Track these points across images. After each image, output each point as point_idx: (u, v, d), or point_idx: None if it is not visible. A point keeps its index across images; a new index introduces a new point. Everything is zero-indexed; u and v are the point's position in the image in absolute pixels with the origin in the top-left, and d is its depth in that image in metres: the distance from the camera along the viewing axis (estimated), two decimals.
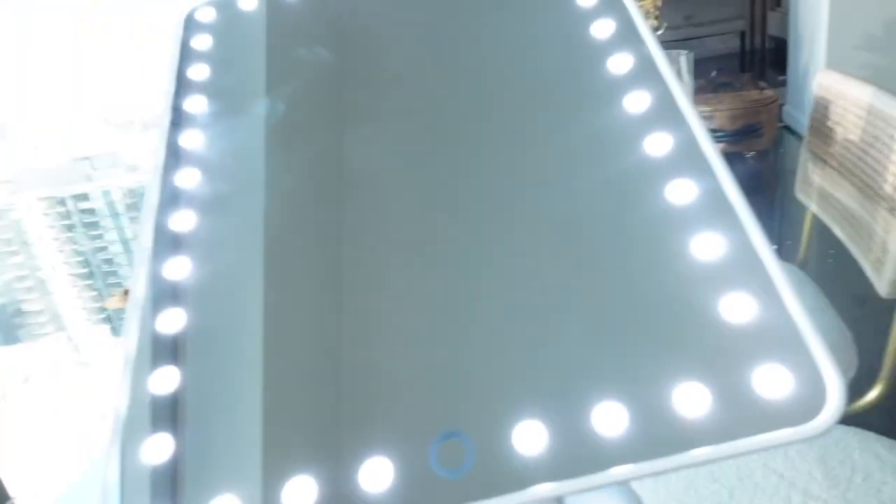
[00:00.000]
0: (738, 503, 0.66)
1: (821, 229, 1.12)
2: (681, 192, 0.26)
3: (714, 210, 0.25)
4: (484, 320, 0.26)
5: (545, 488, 0.22)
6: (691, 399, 0.22)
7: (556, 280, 0.26)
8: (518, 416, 0.24)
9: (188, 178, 0.33)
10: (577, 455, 0.22)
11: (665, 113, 0.29)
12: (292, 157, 0.33)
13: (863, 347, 0.92)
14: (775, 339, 0.22)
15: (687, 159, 0.27)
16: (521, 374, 0.23)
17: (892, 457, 0.69)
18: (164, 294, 0.29)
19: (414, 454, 0.23)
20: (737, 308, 0.23)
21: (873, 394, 0.88)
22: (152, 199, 0.32)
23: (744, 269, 0.24)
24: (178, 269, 0.30)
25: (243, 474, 0.24)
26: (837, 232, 1.03)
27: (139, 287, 0.30)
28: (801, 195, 1.17)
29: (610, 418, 0.22)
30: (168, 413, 0.26)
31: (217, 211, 0.31)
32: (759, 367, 0.22)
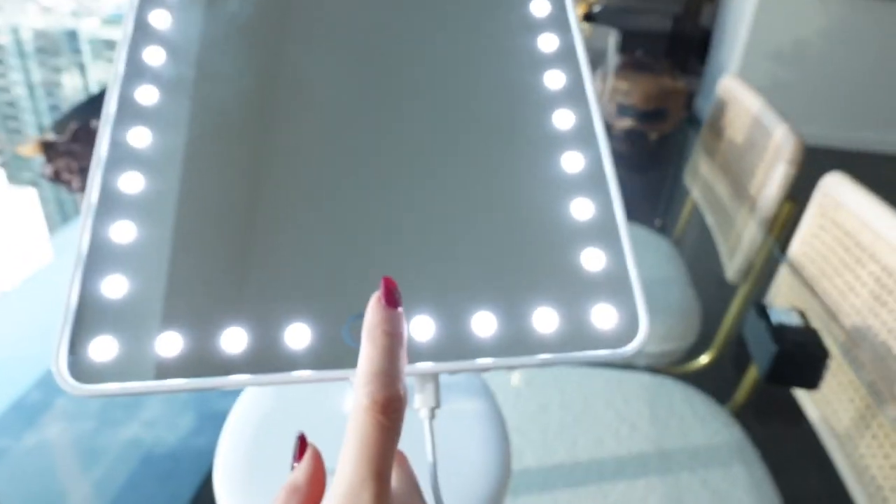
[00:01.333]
0: (580, 427, 0.77)
1: (697, 214, 1.24)
2: (572, 162, 0.32)
3: (593, 181, 0.32)
4: (398, 226, 0.31)
5: (426, 366, 0.28)
6: (545, 318, 0.28)
7: (461, 205, 0.32)
8: (414, 309, 0.29)
9: (145, 94, 0.35)
10: (454, 344, 0.28)
11: (573, 101, 0.35)
12: (237, 66, 0.36)
13: (707, 320, 1.06)
14: (613, 286, 0.29)
15: (582, 141, 0.33)
16: (422, 275, 0.29)
17: (703, 409, 0.82)
18: (120, 161, 0.32)
19: (332, 326, 0.28)
20: (592, 259, 0.30)
21: (704, 359, 1.01)
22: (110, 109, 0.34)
23: (604, 231, 0.31)
24: (138, 139, 0.33)
25: (187, 318, 0.28)
26: (709, 219, 1.15)
27: (102, 149, 0.32)
28: (687, 180, 1.28)
29: (483, 322, 0.28)
30: (123, 258, 0.29)
31: (169, 108, 0.34)
32: (597, 304, 0.29)
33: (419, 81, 0.36)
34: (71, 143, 1.32)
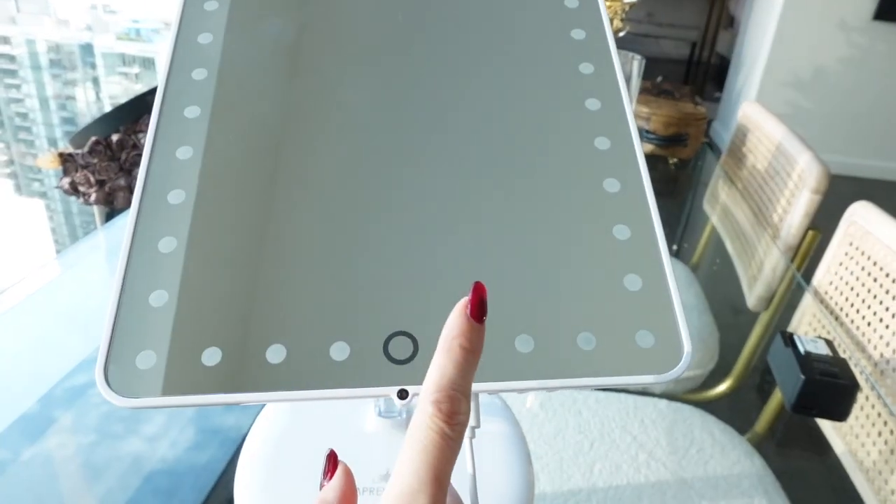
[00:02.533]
0: (596, 453, 0.76)
1: (716, 240, 1.24)
2: (613, 185, 0.33)
3: (634, 205, 0.32)
4: (438, 243, 0.32)
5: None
6: (587, 341, 0.29)
7: (502, 224, 0.32)
8: None
9: (189, 110, 0.36)
10: (496, 364, 0.28)
11: (610, 126, 0.35)
12: (278, 84, 0.37)
13: (725, 347, 1.05)
14: (656, 310, 0.29)
15: (622, 164, 0.34)
16: (463, 292, 0.29)
17: (723, 438, 0.81)
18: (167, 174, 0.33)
19: (372, 343, 0.29)
20: (634, 282, 0.30)
21: (723, 386, 1.01)
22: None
23: (645, 255, 0.31)
24: (182, 153, 0.34)
25: (228, 333, 0.29)
26: (728, 246, 1.15)
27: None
28: (706, 206, 1.29)
29: (525, 343, 0.29)
30: (166, 272, 0.30)
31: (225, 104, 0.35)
32: (640, 328, 0.29)
33: (461, 98, 0.37)
34: (89, 156, 1.34)
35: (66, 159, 1.36)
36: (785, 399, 0.60)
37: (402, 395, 0.27)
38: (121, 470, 0.70)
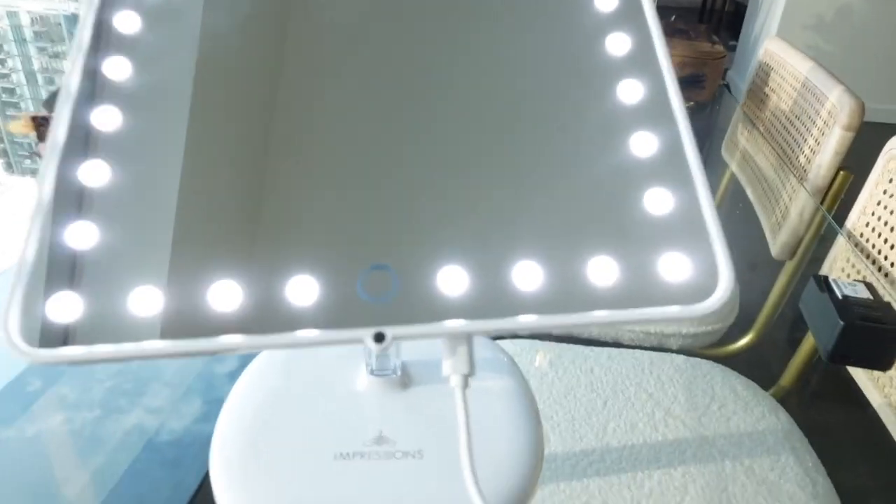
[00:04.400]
0: (609, 412, 0.73)
1: (735, 189, 1.19)
2: (631, 91, 0.28)
3: (656, 111, 0.27)
4: (426, 168, 0.27)
5: (458, 324, 0.24)
6: (601, 269, 0.24)
7: (501, 143, 0.27)
8: (443, 259, 0.26)
9: (125, 20, 0.31)
10: (492, 300, 0.24)
11: (630, 24, 0.30)
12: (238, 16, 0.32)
13: (746, 301, 1.01)
14: (685, 230, 0.25)
15: (642, 68, 0.29)
16: (452, 222, 0.25)
17: (746, 392, 0.77)
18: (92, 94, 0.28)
19: (342, 278, 0.24)
20: (658, 199, 0.25)
21: (744, 340, 0.97)
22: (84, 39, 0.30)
23: (671, 167, 0.26)
24: (116, 70, 0.29)
25: (169, 270, 0.25)
26: (749, 193, 1.10)
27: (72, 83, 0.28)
28: (725, 153, 1.23)
29: (527, 273, 0.24)
30: (93, 204, 0.26)
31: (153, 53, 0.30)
32: (665, 251, 0.24)
33: (466, 24, 0.32)
34: None
35: (40, 123, 1.31)
36: (820, 348, 0.56)
37: (379, 338, 0.23)
38: (127, 443, 0.70)
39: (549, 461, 0.69)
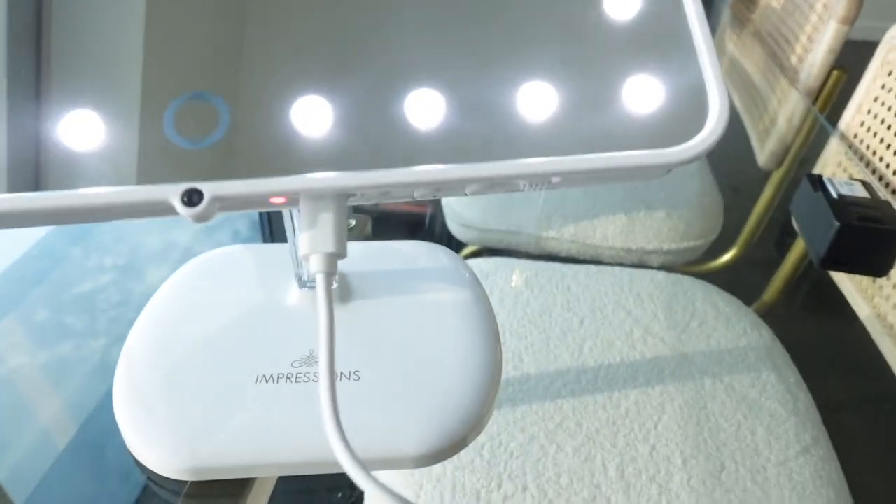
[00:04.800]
0: (586, 330, 0.69)
1: None
2: None
3: None
4: None
5: (314, 178, 0.18)
6: (541, 95, 0.18)
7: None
8: (297, 86, 0.18)
9: None
10: (370, 144, 0.18)
11: None
12: None
13: (728, 222, 0.96)
14: (664, 46, 0.18)
15: None
16: (311, 25, 0.18)
17: (728, 309, 0.74)
18: None
19: (145, 113, 0.18)
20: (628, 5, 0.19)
21: (727, 256, 0.93)
22: None
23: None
24: None
25: None
26: (735, 100, 1.03)
27: None
28: None
29: (428, 103, 0.18)
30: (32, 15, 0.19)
31: None
32: (636, 71, 0.18)
33: None
34: None
35: None
36: (812, 253, 0.52)
37: (191, 198, 0.17)
38: None
39: (522, 382, 0.65)
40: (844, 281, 0.73)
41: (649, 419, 0.61)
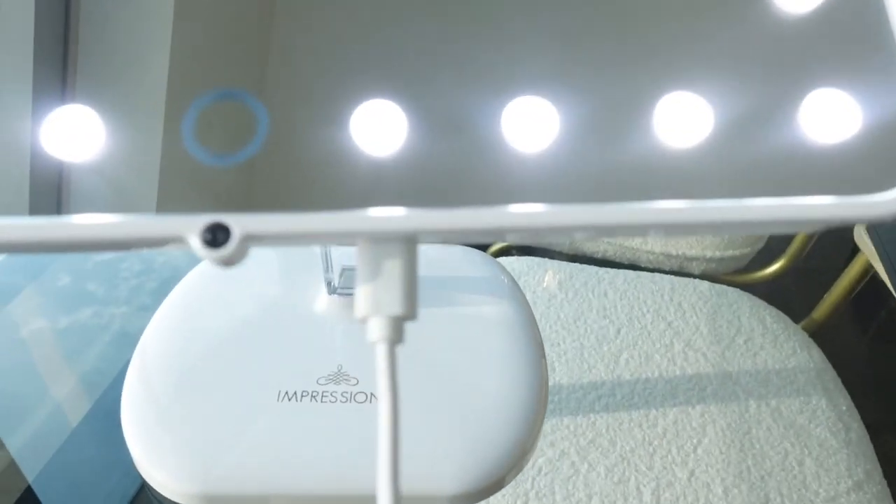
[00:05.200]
0: (623, 341, 0.65)
1: None
2: None
3: None
4: None
5: (384, 216, 0.14)
6: (682, 114, 0.14)
7: None
8: (359, 85, 0.14)
9: None
10: (450, 175, 0.13)
11: None
12: None
13: None
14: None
15: None
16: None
17: (776, 325, 0.69)
18: None
19: (155, 117, 0.14)
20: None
21: (775, 266, 0.88)
22: None
23: None
24: None
25: None
26: None
27: None
28: None
29: (534, 115, 0.13)
30: None
31: None
32: (820, 87, 0.14)
33: None
34: None
35: None
36: (892, 275, 0.46)
37: (214, 236, 0.13)
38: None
39: (554, 393, 0.61)
40: None
41: (689, 441, 0.57)
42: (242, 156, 0.13)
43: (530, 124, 0.13)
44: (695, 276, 0.77)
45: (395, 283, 0.14)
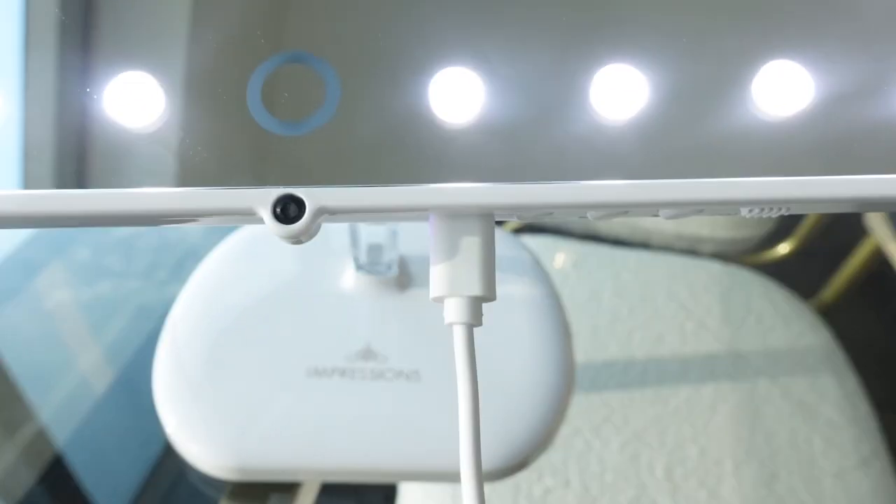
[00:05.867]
0: (635, 320, 0.65)
1: None
2: None
3: None
4: None
5: (467, 190, 0.13)
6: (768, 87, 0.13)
7: None
8: (447, 49, 0.13)
9: None
10: (531, 150, 0.13)
11: None
12: None
13: None
14: None
15: None
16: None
17: (786, 306, 0.69)
18: None
19: (218, 81, 0.13)
20: None
21: (785, 247, 0.88)
22: None
23: None
24: None
25: None
26: None
27: None
28: None
29: (624, 84, 0.13)
30: None
31: None
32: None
33: None
34: None
35: None
36: None
37: (285, 209, 0.13)
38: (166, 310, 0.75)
39: None
40: None
41: (700, 419, 0.58)
42: (311, 124, 0.13)
43: (618, 93, 0.13)
44: (707, 258, 0.77)
45: (474, 262, 0.14)
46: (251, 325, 0.30)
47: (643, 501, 0.53)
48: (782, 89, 0.13)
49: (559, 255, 0.74)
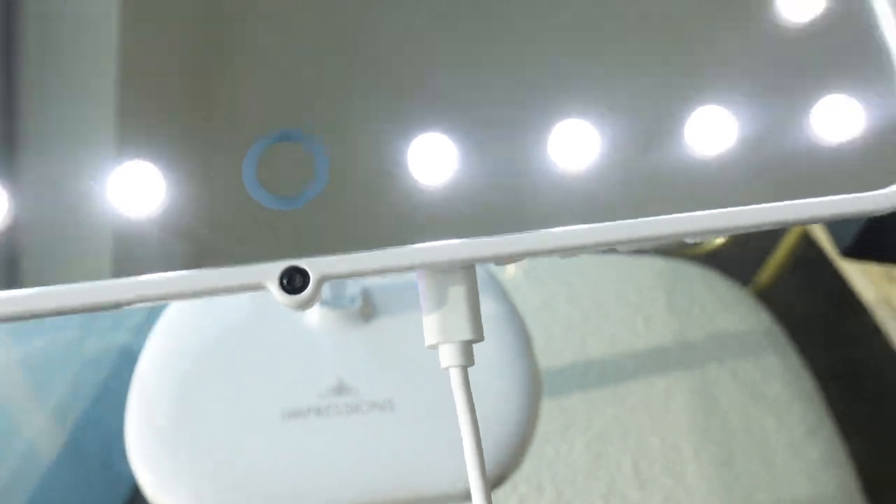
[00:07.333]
0: (588, 326, 0.68)
1: None
2: None
3: None
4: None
5: (451, 246, 0.15)
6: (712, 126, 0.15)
7: None
8: (424, 119, 0.15)
9: None
10: (515, 200, 0.15)
11: None
12: None
13: None
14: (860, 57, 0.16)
15: None
16: (440, 53, 0.14)
17: (728, 294, 0.73)
18: None
19: (220, 162, 0.14)
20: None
21: (721, 238, 0.92)
22: None
23: None
24: None
25: None
26: None
27: None
28: None
29: (578, 140, 0.15)
30: None
31: None
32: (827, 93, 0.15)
33: None
34: None
35: None
36: (835, 240, 0.49)
37: (291, 282, 0.13)
38: (113, 361, 0.69)
39: None
40: (847, 265, 0.72)
41: (658, 411, 0.60)
42: (304, 197, 0.14)
43: (572, 146, 0.14)
44: (651, 254, 0.80)
45: (462, 309, 0.15)
46: (222, 373, 0.30)
47: (614, 496, 0.54)
48: (711, 132, 0.15)
49: (509, 266, 0.76)
